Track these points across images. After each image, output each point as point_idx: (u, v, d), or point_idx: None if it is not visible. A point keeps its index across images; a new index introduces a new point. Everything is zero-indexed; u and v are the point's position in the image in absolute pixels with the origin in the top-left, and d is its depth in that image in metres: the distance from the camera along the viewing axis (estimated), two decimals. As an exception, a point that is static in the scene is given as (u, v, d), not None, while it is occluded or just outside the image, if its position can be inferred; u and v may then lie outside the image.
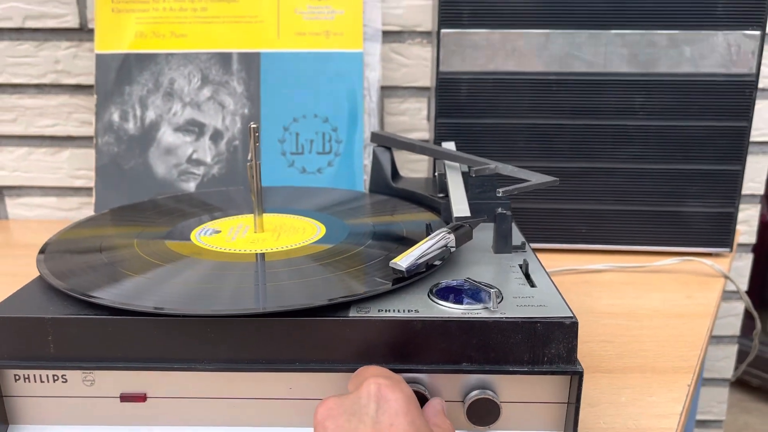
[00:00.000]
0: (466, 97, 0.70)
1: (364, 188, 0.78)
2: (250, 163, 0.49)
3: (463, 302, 0.39)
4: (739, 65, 0.67)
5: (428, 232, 0.47)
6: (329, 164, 0.78)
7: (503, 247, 0.48)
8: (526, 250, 0.49)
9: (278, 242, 0.49)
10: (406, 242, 0.48)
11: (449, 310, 0.38)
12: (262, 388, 0.39)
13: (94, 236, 0.51)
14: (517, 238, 0.51)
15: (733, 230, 0.71)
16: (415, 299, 0.40)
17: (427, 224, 0.49)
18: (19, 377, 0.39)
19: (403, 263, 0.40)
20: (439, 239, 0.43)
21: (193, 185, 0.78)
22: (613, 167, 0.71)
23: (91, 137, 0.84)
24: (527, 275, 0.44)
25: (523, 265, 0.45)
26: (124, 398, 0.39)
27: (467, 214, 0.49)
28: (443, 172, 0.58)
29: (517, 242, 0.49)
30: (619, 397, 0.46)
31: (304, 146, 0.78)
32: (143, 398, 0.39)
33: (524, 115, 0.70)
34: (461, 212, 0.50)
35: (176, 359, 0.38)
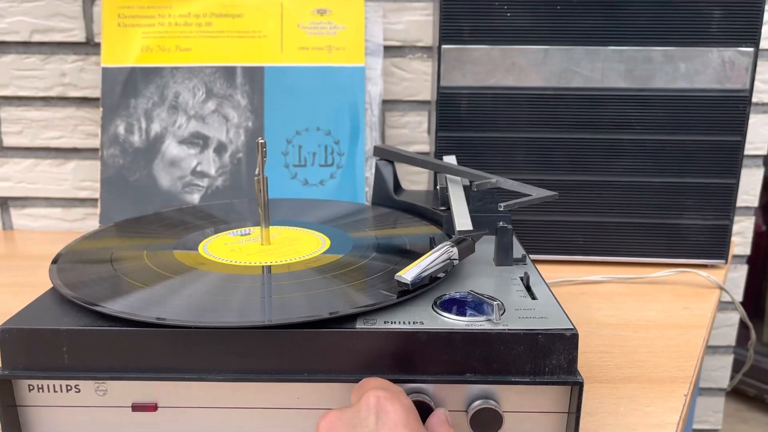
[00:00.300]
0: (466, 111, 0.71)
1: (365, 200, 0.79)
2: (257, 177, 0.51)
3: (466, 314, 0.40)
4: (733, 81, 0.69)
5: (432, 245, 0.48)
6: (331, 176, 0.80)
7: (504, 259, 0.49)
8: (526, 262, 0.50)
9: (285, 254, 0.50)
10: (409, 255, 0.49)
11: (453, 322, 0.39)
12: (270, 398, 0.40)
13: (104, 248, 0.52)
14: (517, 250, 0.52)
15: (728, 242, 0.73)
16: (419, 311, 0.41)
17: (430, 238, 0.51)
18: (33, 387, 0.40)
19: (408, 276, 0.41)
20: (442, 253, 0.44)
21: (197, 197, 0.79)
22: (610, 180, 0.72)
23: (96, 149, 0.86)
24: (528, 288, 0.45)
25: (524, 277, 0.46)
26: (135, 408, 0.40)
27: (470, 227, 0.51)
28: (445, 185, 0.59)
29: (518, 255, 0.50)
30: (617, 406, 0.47)
31: (306, 159, 0.80)
32: (154, 408, 0.40)
33: (523, 128, 0.71)
34: (464, 226, 0.51)
35: (187, 370, 0.39)
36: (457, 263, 0.45)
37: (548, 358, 0.38)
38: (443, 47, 0.70)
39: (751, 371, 1.40)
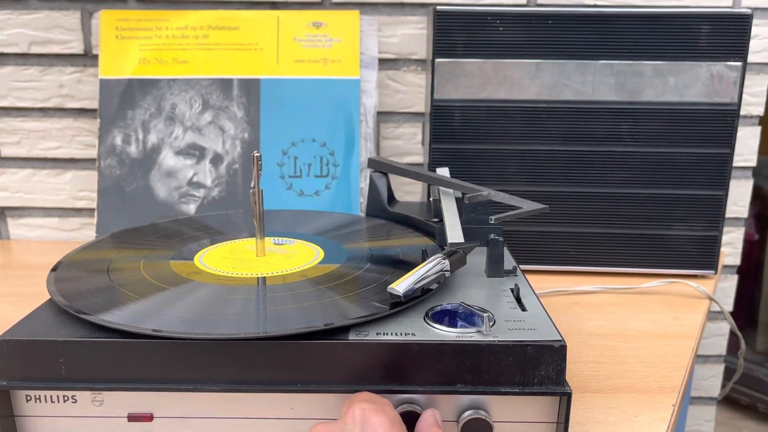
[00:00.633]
0: (459, 123, 0.72)
1: (360, 211, 0.80)
2: (253, 190, 0.51)
3: (457, 326, 0.41)
4: (721, 95, 0.70)
5: (424, 257, 0.49)
6: (326, 187, 0.81)
7: (495, 271, 0.50)
8: (517, 274, 0.51)
9: (279, 266, 0.51)
10: (402, 266, 0.50)
11: (444, 333, 0.40)
12: (265, 408, 0.40)
13: (101, 259, 0.53)
14: (509, 262, 0.53)
15: (717, 253, 0.74)
16: (411, 323, 0.41)
17: (423, 250, 0.51)
18: (30, 398, 0.40)
19: (400, 288, 0.42)
20: (434, 265, 0.45)
21: (193, 207, 0.80)
22: (601, 192, 0.73)
23: (93, 160, 0.86)
24: (518, 299, 0.46)
25: (514, 289, 0.47)
26: (131, 418, 0.41)
27: (461, 240, 0.51)
28: (438, 197, 0.60)
29: (509, 266, 0.51)
30: (607, 416, 0.47)
31: (302, 170, 0.81)
32: (150, 418, 0.41)
33: (515, 141, 0.72)
34: (455, 238, 0.52)
35: (182, 380, 0.40)
36: (449, 275, 0.46)
37: (537, 369, 0.39)
38: (437, 60, 0.71)
39: (744, 380, 1.41)
